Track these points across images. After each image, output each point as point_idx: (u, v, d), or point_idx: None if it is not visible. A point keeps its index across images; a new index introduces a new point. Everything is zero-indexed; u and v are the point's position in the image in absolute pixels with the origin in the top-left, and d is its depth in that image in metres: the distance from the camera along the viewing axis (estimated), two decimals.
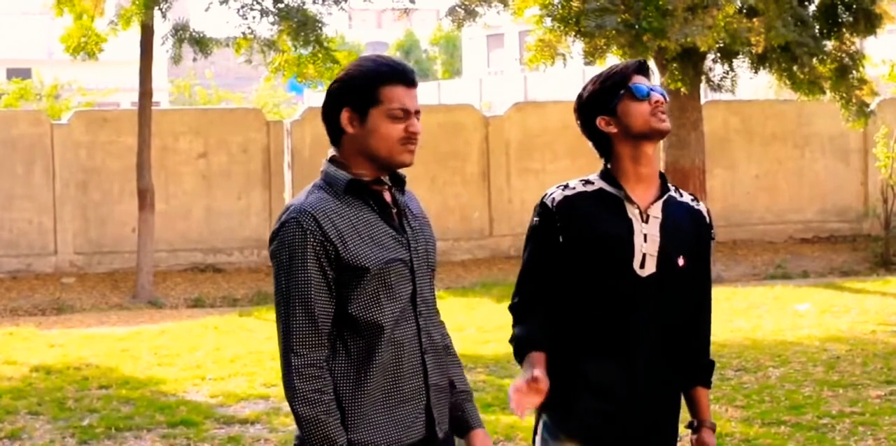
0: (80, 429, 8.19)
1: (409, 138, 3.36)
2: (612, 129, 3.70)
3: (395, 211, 3.41)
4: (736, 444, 7.53)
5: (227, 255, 17.85)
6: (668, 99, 3.76)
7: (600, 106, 3.71)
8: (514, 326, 3.77)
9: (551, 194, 3.74)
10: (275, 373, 9.70)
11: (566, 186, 3.75)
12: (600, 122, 3.71)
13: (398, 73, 3.36)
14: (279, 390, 9.10)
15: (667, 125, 3.70)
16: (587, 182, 3.75)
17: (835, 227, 20.10)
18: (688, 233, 3.75)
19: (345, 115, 3.35)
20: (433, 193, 18.30)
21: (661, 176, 3.77)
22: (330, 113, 3.39)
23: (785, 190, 19.98)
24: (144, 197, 15.84)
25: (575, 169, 18.21)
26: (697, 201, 3.85)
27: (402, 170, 3.45)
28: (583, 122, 3.77)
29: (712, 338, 3.91)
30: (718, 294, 14.47)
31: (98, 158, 17.46)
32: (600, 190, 3.72)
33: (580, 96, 3.78)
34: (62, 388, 9.54)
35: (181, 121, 18.06)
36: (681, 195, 3.82)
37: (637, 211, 3.68)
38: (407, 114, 3.35)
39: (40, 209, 17.18)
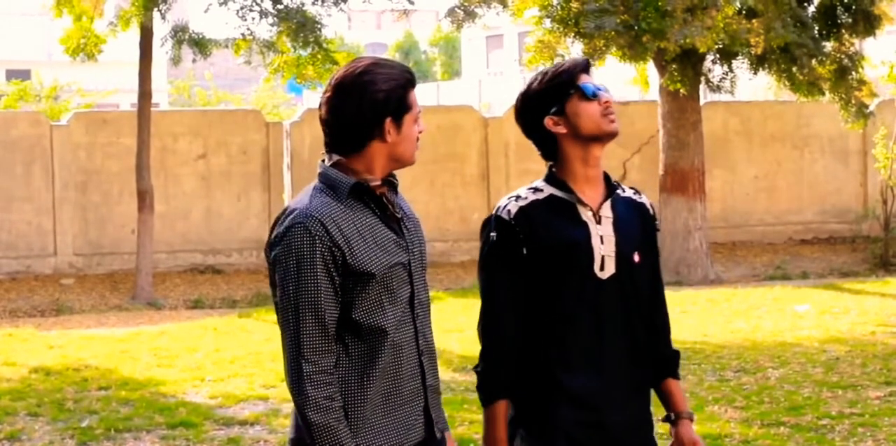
0: (79, 431, 8.19)
1: (419, 137, 3.42)
2: (561, 130, 3.62)
3: (394, 213, 3.40)
4: (735, 445, 7.53)
5: (227, 256, 17.85)
6: (614, 99, 3.68)
7: (548, 105, 3.63)
8: (482, 357, 3.66)
9: (505, 206, 3.64)
10: (274, 375, 9.70)
11: (518, 197, 3.66)
12: (548, 122, 3.63)
13: (415, 77, 3.41)
14: (278, 391, 9.10)
15: (616, 126, 3.63)
16: (536, 189, 3.67)
17: (834, 228, 20.10)
18: (637, 227, 3.71)
19: (387, 126, 3.33)
20: (432, 195, 18.31)
21: (605, 174, 3.71)
22: (366, 123, 3.33)
23: (784, 191, 19.98)
24: (144, 198, 15.83)
25: None
26: (639, 194, 3.80)
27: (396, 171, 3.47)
28: (527, 123, 3.70)
29: (711, 340, 3.92)
30: (718, 295, 14.48)
31: (97, 159, 17.46)
32: (551, 196, 3.64)
33: (524, 95, 3.69)
34: (61, 389, 9.53)
35: (180, 122, 18.06)
36: (623, 190, 3.76)
37: (590, 213, 3.63)
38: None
39: (39, 210, 17.18)
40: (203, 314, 14.68)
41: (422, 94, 3.50)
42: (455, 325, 12.42)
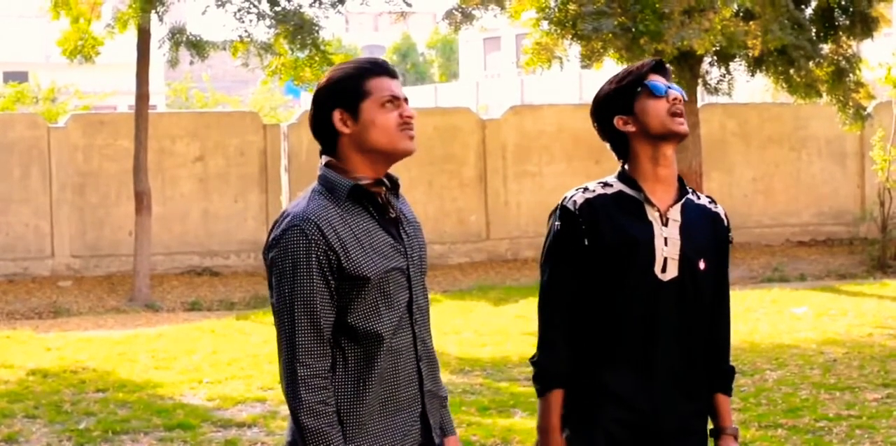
0: (76, 433, 8.19)
1: (406, 123, 3.35)
2: (630, 128, 3.64)
3: (393, 217, 3.38)
4: None
5: (224, 259, 17.84)
6: (686, 98, 3.69)
7: (618, 105, 3.66)
8: (539, 348, 3.67)
9: (572, 197, 3.66)
10: (271, 377, 9.69)
11: (585, 189, 3.67)
12: (618, 122, 3.65)
13: (379, 66, 3.37)
14: (276, 393, 9.10)
15: (684, 128, 3.63)
16: (605, 184, 3.68)
17: (832, 230, 20.11)
18: (707, 236, 3.70)
19: (337, 117, 3.32)
20: (430, 197, 18.30)
21: (679, 178, 3.72)
22: (320, 119, 3.35)
23: (782, 193, 19.98)
24: (141, 200, 15.83)
25: (571, 172, 18.21)
26: (715, 203, 3.80)
27: (396, 173, 3.44)
28: (600, 123, 3.72)
29: None
30: None
31: (95, 161, 17.45)
32: (620, 192, 3.65)
33: (597, 97, 3.72)
34: (59, 392, 9.53)
35: (178, 124, 18.06)
36: (698, 197, 3.77)
37: (657, 213, 3.63)
38: (397, 101, 3.34)
39: (37, 212, 17.17)
40: (200, 316, 14.67)
41: (419, 96, 3.49)
42: (452, 328, 12.42)
